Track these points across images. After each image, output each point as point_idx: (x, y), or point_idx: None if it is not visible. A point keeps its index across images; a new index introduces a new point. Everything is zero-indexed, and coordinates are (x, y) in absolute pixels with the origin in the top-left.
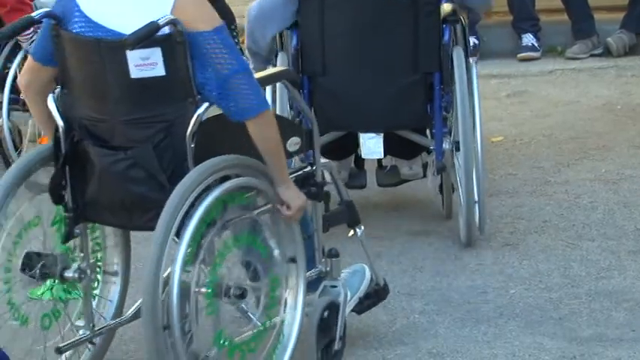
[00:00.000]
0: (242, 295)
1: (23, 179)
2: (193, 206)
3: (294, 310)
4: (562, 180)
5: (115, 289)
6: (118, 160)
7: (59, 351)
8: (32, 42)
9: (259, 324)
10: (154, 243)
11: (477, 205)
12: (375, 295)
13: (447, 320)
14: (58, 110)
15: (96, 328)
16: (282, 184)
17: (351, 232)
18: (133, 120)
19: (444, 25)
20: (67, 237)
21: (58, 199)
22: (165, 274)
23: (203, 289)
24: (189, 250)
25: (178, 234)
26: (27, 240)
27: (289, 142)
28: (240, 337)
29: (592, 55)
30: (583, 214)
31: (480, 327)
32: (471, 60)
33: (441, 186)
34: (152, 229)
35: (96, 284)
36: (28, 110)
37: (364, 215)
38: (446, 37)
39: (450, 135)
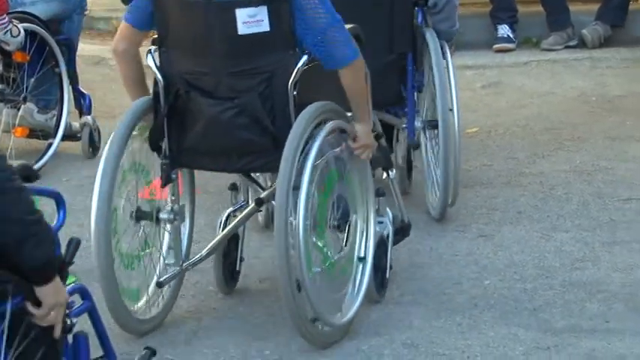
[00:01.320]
0: (339, 227)
1: (131, 130)
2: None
3: (367, 237)
4: (537, 171)
5: (184, 229)
6: (226, 108)
7: (160, 285)
8: (6, 32)
9: (347, 250)
10: (281, 177)
11: (452, 180)
12: (401, 231)
13: (421, 311)
14: (157, 67)
15: (186, 264)
16: (362, 122)
17: (385, 175)
18: (238, 72)
19: (416, 8)
20: (166, 182)
21: (155, 147)
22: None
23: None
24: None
25: None
26: (125, 185)
27: None
28: (335, 258)
29: (567, 47)
30: (557, 205)
31: (455, 318)
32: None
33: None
34: (249, 171)
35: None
36: (2, 101)
37: None
38: (419, 19)
39: (420, 114)
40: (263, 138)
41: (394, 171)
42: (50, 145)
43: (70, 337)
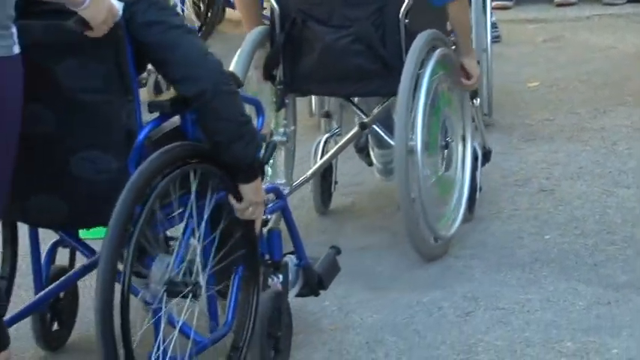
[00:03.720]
0: (446, 146)
1: (251, 58)
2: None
3: (465, 159)
4: (598, 126)
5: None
6: (341, 36)
7: None
8: None
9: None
10: (400, 96)
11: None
12: (484, 157)
13: (482, 265)
14: None
15: (294, 185)
16: (468, 56)
17: (470, 103)
18: (352, 2)
19: None
20: (280, 107)
21: (268, 75)
22: None
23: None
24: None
25: None
26: None
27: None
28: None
29: (630, 1)
30: (619, 160)
31: (515, 272)
32: None
33: None
34: (360, 95)
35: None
36: None
37: None
38: None
39: None
40: (375, 64)
41: (478, 99)
42: None
43: (265, 232)
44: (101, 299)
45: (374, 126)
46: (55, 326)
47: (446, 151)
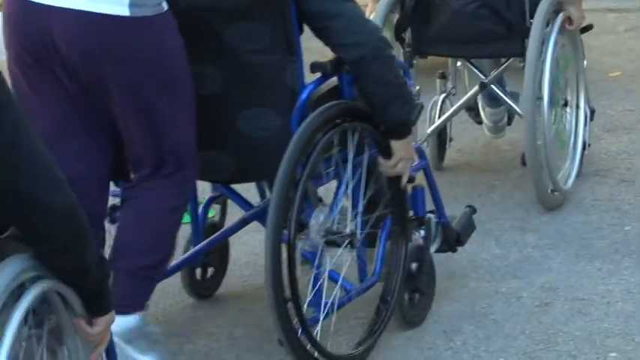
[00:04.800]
0: (566, 104)
1: (384, 22)
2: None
3: (579, 114)
4: None
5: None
6: (470, 2)
7: None
8: None
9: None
10: (529, 56)
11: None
12: (590, 115)
13: (560, 255)
14: None
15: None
16: (574, 4)
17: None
18: None
19: None
20: (408, 67)
21: (399, 37)
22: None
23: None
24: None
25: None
26: None
27: None
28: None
29: None
30: None
31: (595, 263)
32: None
33: None
34: (484, 56)
35: None
36: None
37: (479, 151)
38: None
39: None
40: (500, 26)
41: (585, 61)
42: None
43: (409, 189)
44: (271, 256)
45: (492, 85)
46: (204, 276)
47: (565, 108)
